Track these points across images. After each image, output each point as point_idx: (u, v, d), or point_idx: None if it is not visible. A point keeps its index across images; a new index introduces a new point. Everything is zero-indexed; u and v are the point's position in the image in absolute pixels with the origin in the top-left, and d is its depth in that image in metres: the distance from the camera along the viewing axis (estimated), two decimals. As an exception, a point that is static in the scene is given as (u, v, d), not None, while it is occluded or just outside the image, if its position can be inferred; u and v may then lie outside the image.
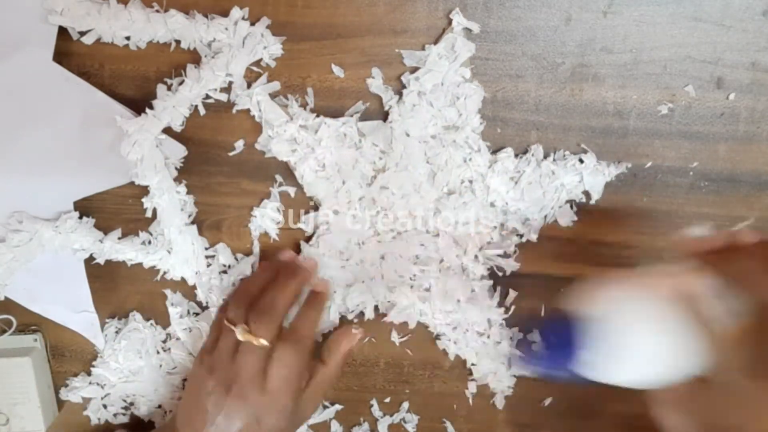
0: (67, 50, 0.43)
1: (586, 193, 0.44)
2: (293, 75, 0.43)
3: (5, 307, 0.47)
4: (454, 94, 0.42)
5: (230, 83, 0.43)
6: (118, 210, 0.46)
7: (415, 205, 0.44)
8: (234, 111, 0.44)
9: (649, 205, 0.45)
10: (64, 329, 0.48)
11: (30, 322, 0.49)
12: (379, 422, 0.51)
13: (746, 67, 0.42)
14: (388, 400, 0.51)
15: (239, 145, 0.45)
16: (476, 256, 0.45)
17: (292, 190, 0.45)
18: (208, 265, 0.47)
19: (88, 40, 0.42)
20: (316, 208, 0.45)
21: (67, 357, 0.50)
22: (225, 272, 0.47)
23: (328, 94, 0.44)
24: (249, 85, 0.43)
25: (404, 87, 0.43)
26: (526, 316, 0.47)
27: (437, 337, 0.48)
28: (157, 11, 0.41)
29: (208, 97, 0.43)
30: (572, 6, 0.41)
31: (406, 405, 0.51)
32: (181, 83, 0.42)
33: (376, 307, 0.47)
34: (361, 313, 0.47)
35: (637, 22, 0.41)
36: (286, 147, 0.43)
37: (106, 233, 0.46)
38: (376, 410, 0.51)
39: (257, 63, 0.43)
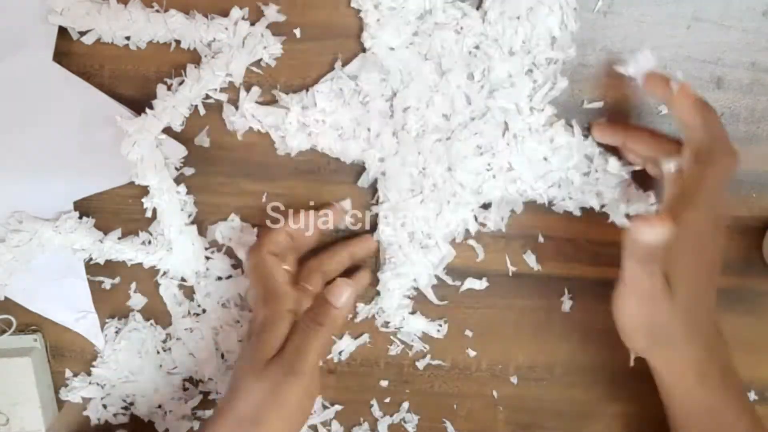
0: (67, 50, 0.43)
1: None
2: (293, 75, 0.43)
3: (5, 307, 0.47)
4: None
5: (230, 83, 0.43)
6: (118, 210, 0.46)
7: (448, 101, 0.42)
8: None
9: (649, 205, 0.45)
10: (64, 329, 0.48)
11: (30, 322, 0.49)
12: (379, 422, 0.51)
13: (746, 67, 0.42)
14: (388, 400, 0.51)
15: (239, 145, 0.45)
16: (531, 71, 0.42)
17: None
18: (207, 269, 0.47)
19: (88, 40, 0.42)
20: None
21: (67, 357, 0.50)
22: (221, 279, 0.47)
23: (328, 94, 0.43)
24: (237, 106, 0.43)
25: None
26: None
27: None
28: (157, 11, 0.41)
29: (208, 97, 0.43)
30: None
31: (406, 405, 0.51)
32: (181, 83, 0.42)
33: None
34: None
35: (637, 22, 0.41)
36: (302, 135, 0.43)
37: (106, 233, 0.46)
38: (376, 410, 0.51)
39: (257, 63, 0.43)
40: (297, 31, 0.42)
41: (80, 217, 0.45)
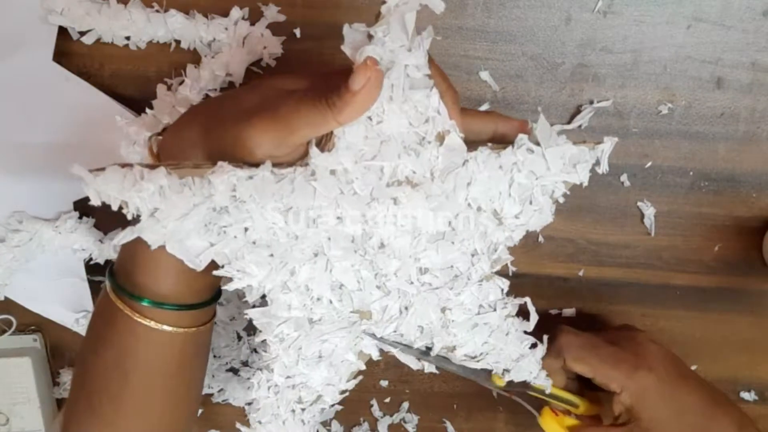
0: (67, 50, 0.43)
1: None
2: (293, 75, 0.43)
3: (5, 307, 0.47)
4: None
5: (230, 83, 0.43)
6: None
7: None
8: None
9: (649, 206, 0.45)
10: (64, 329, 0.48)
11: (30, 322, 0.49)
12: (379, 422, 0.51)
13: (746, 67, 0.42)
14: (388, 400, 0.51)
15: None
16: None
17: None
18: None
19: (88, 40, 0.42)
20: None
21: (67, 357, 0.50)
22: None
23: (328, 94, 0.44)
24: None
25: None
26: None
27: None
28: (157, 11, 0.41)
29: (208, 97, 0.43)
30: (572, 6, 0.41)
31: (406, 405, 0.51)
32: (181, 83, 0.42)
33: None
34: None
35: (637, 22, 0.41)
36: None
37: (106, 233, 0.46)
38: (376, 410, 0.51)
39: (257, 63, 0.43)
40: (297, 31, 0.42)
41: (80, 217, 0.45)
